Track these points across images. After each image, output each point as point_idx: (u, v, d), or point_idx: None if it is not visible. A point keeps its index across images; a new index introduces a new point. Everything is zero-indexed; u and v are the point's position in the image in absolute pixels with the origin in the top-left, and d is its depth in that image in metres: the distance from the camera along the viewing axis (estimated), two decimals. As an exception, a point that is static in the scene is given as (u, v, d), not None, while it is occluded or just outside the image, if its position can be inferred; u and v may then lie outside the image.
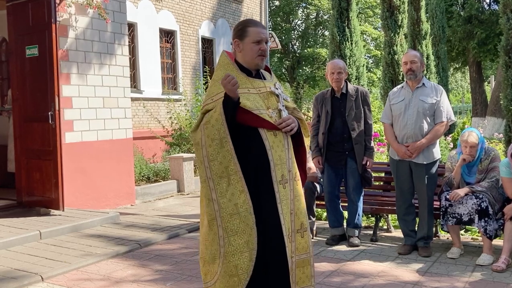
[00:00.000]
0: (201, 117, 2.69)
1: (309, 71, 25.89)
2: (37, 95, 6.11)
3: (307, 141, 2.91)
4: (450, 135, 8.68)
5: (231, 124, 2.61)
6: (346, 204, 5.13)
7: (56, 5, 6.06)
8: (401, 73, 6.90)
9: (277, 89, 2.79)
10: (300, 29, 27.23)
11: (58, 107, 5.94)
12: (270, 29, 23.39)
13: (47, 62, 5.96)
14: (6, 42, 8.06)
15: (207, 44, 13.73)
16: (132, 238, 5.31)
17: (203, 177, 2.65)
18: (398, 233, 5.27)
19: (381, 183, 5.79)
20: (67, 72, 6.56)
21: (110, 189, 7.13)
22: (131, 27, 10.77)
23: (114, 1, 7.21)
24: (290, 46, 26.44)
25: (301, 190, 2.79)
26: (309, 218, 5.31)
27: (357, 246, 4.95)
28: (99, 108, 7.03)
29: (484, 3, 18.09)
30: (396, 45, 7.00)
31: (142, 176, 8.66)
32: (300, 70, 25.72)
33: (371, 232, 5.32)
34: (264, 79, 2.82)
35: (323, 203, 5.29)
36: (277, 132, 2.68)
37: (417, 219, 4.80)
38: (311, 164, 5.35)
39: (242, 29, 2.75)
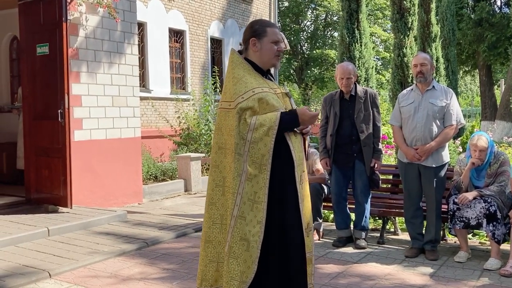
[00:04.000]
0: (238, 117, 2.58)
1: (317, 72, 25.85)
2: (47, 93, 6.15)
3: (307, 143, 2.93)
4: (459, 139, 8.63)
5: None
6: (354, 206, 5.12)
7: (67, 4, 6.09)
8: (410, 75, 6.87)
9: (287, 90, 2.83)
10: (309, 30, 27.20)
11: (67, 105, 5.98)
12: (279, 30, 23.35)
13: (57, 60, 6.00)
14: (17, 40, 8.13)
15: (216, 44, 13.76)
16: (140, 236, 5.34)
17: (233, 189, 2.58)
18: (405, 236, 5.25)
19: (389, 185, 5.77)
20: (77, 71, 6.60)
21: (117, 187, 7.16)
22: (141, 26, 10.82)
23: (124, 0, 7.24)
24: (299, 47, 26.41)
25: (308, 190, 2.81)
26: (316, 220, 5.30)
27: (364, 248, 4.94)
28: (108, 107, 7.06)
29: (495, 6, 17.98)
30: (406, 48, 6.98)
31: (150, 175, 8.69)
32: (309, 71, 25.69)
33: (378, 234, 5.31)
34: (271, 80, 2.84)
35: (330, 204, 5.28)
36: (296, 132, 2.71)
37: (425, 222, 4.78)
38: (319, 166, 5.35)
39: (260, 29, 2.74)
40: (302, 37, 26.48)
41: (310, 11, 26.56)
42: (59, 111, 5.97)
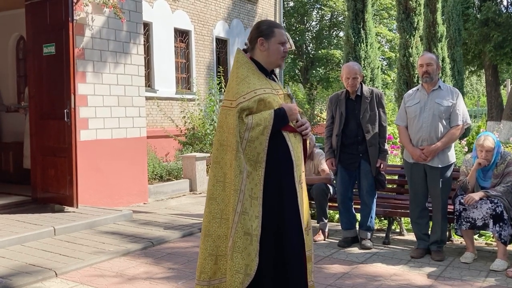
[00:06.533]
0: (237, 116, 2.62)
1: (322, 73, 25.80)
2: (53, 93, 6.18)
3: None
4: (465, 139, 8.60)
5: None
6: (359, 206, 5.11)
7: (73, 4, 6.12)
8: (416, 75, 6.86)
9: (290, 92, 2.86)
10: (314, 30, 27.15)
11: (73, 105, 6.00)
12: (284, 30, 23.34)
13: (63, 60, 6.02)
14: (23, 40, 8.17)
15: (221, 44, 13.77)
16: (145, 236, 5.35)
17: (236, 186, 2.62)
18: (411, 237, 5.24)
19: (395, 186, 5.76)
20: (83, 71, 6.62)
21: (123, 187, 7.18)
22: (146, 26, 10.84)
23: (130, 1, 7.26)
24: (304, 47, 26.38)
25: (306, 191, 2.88)
26: (322, 220, 5.30)
27: (369, 248, 4.93)
28: (114, 107, 7.08)
29: (502, 6, 17.88)
30: (412, 47, 6.96)
31: (155, 175, 8.70)
32: (314, 71, 25.64)
33: (384, 235, 5.30)
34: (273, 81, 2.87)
35: (336, 204, 5.28)
36: (296, 134, 2.76)
37: (431, 223, 4.77)
38: (324, 166, 5.35)
39: (268, 29, 2.77)
40: (308, 37, 26.43)
41: (316, 11, 26.52)
42: (65, 110, 5.99)
